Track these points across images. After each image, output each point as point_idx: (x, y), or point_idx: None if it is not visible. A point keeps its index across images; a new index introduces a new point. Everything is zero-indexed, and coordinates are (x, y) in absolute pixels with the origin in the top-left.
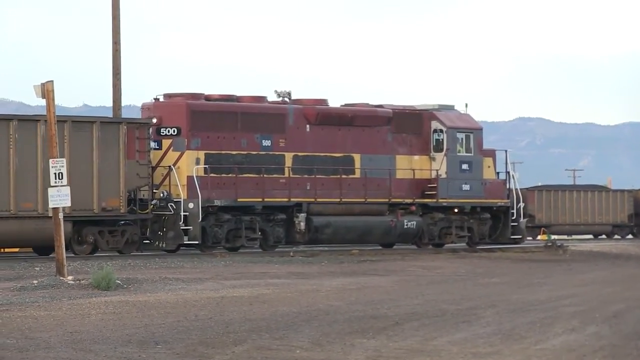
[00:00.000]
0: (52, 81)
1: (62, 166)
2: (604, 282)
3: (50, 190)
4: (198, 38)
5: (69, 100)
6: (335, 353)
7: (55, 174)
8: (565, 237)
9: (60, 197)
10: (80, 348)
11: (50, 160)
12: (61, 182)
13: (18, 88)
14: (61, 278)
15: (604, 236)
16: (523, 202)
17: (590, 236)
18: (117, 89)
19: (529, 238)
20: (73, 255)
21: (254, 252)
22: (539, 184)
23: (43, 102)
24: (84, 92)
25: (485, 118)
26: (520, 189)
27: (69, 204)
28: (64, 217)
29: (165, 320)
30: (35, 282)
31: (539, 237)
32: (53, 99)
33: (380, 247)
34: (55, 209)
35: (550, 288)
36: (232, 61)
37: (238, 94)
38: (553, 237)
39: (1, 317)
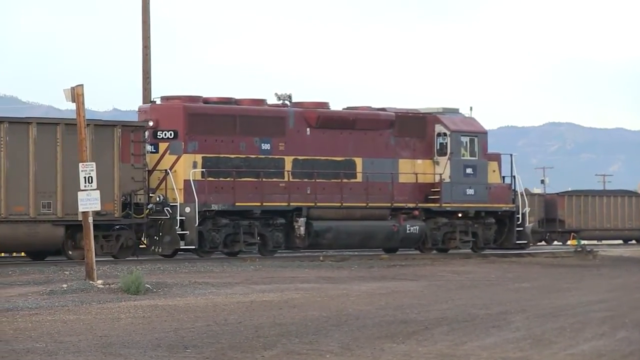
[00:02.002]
0: (82, 85)
1: (92, 170)
2: (634, 288)
3: (80, 194)
4: (228, 42)
5: (98, 104)
6: (364, 358)
7: (85, 177)
8: (595, 242)
9: (89, 201)
10: (109, 352)
11: (80, 164)
12: (91, 185)
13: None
14: (91, 282)
15: (633, 241)
16: (552, 207)
17: (620, 241)
18: (147, 93)
19: (558, 243)
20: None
21: (284, 256)
22: (569, 189)
23: (73, 106)
24: (114, 96)
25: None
26: (551, 194)
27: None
28: (55, 221)
29: (195, 325)
30: (64, 286)
31: (568, 242)
32: (83, 103)
33: (406, 253)
34: (85, 213)
35: (580, 293)
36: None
37: (265, 98)
38: (583, 242)
39: (31, 320)
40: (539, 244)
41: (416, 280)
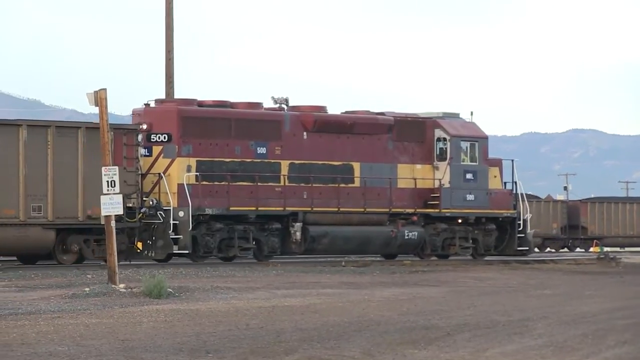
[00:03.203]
0: (105, 89)
1: (115, 174)
2: None
3: (103, 198)
4: (251, 46)
5: (121, 108)
6: None
7: (107, 181)
8: (617, 249)
9: (112, 204)
10: (131, 356)
11: (103, 168)
12: (113, 189)
13: (71, 96)
14: (113, 286)
15: None
16: (575, 214)
17: None
18: (170, 97)
19: (581, 250)
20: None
21: (306, 261)
22: (592, 196)
23: (96, 110)
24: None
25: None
26: (573, 201)
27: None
28: (45, 224)
29: (217, 329)
30: (87, 289)
31: (591, 249)
32: (106, 107)
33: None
34: (107, 217)
35: (602, 300)
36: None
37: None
38: (605, 249)
39: (53, 324)
40: (561, 250)
41: (438, 286)
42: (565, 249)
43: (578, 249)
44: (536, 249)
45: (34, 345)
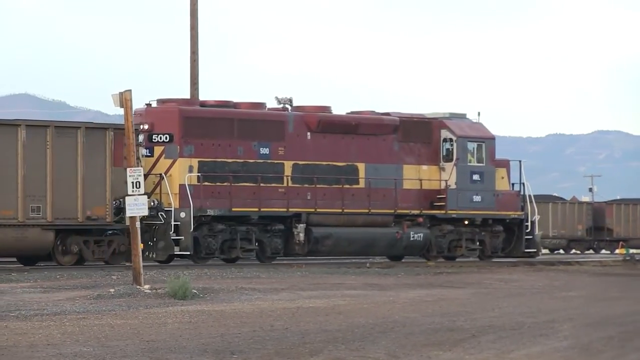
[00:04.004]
0: (130, 90)
1: (140, 175)
2: None
3: (128, 199)
4: (275, 47)
5: None
6: None
7: (132, 182)
8: None
9: (137, 206)
10: (156, 357)
11: (128, 169)
12: (138, 191)
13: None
14: (138, 287)
15: None
16: (600, 215)
17: None
18: (194, 99)
19: (606, 252)
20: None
21: (330, 263)
22: (618, 198)
23: (121, 111)
24: None
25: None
26: (599, 202)
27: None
28: (44, 225)
29: (241, 330)
30: (112, 290)
31: (617, 251)
32: (131, 108)
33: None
34: (132, 218)
35: (628, 302)
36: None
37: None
38: (631, 251)
39: (78, 325)
40: (586, 252)
41: (463, 287)
42: (591, 251)
43: (603, 251)
44: (561, 251)
45: (59, 345)
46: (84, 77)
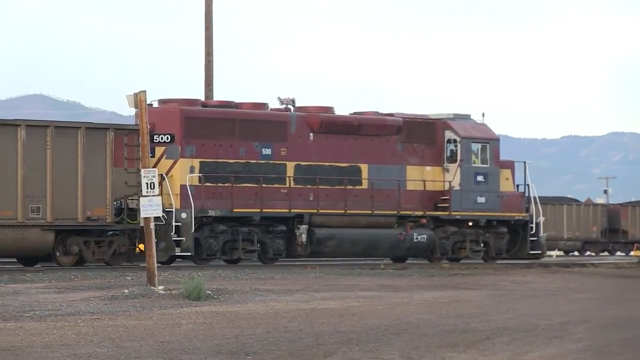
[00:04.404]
0: (144, 91)
1: (154, 176)
2: None
3: (142, 200)
4: (289, 49)
5: None
6: None
7: (147, 183)
8: None
9: (151, 206)
10: (170, 358)
11: (142, 170)
12: (152, 192)
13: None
14: (152, 288)
15: None
16: (615, 217)
17: None
18: (209, 100)
19: (621, 254)
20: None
21: (344, 264)
22: (633, 200)
23: (134, 111)
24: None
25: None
26: (614, 204)
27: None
28: (44, 226)
29: (255, 331)
30: (126, 291)
31: (632, 253)
32: (145, 109)
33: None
34: (146, 219)
35: None
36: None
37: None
38: None
39: (92, 325)
40: (601, 254)
41: (477, 289)
42: (606, 253)
43: (618, 253)
44: (576, 253)
45: (73, 346)
46: (99, 78)
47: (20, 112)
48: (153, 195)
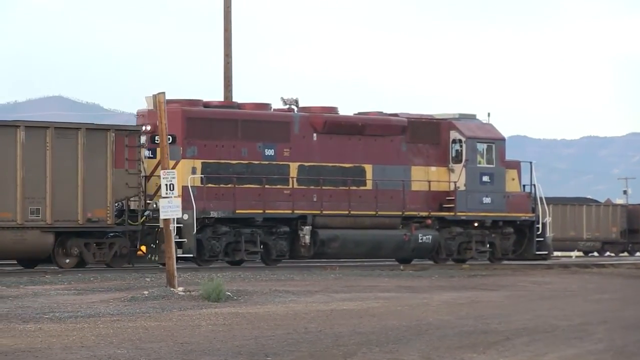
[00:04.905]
0: (163, 93)
1: (174, 177)
2: None
3: (162, 202)
4: (308, 50)
5: None
6: None
7: (166, 185)
8: None
9: (171, 208)
10: (190, 359)
11: (162, 171)
12: (172, 193)
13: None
14: (171, 289)
15: None
16: (635, 217)
17: None
18: (227, 98)
19: None
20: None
21: (364, 265)
22: None
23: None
24: None
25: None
26: (633, 205)
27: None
28: (44, 227)
29: (275, 332)
30: (145, 292)
31: None
32: (164, 111)
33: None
34: (166, 221)
35: None
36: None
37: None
38: None
39: (112, 327)
40: (621, 254)
41: (497, 290)
42: (625, 253)
43: (638, 253)
44: (595, 253)
45: (93, 348)
46: (118, 79)
47: (39, 113)
48: (173, 197)
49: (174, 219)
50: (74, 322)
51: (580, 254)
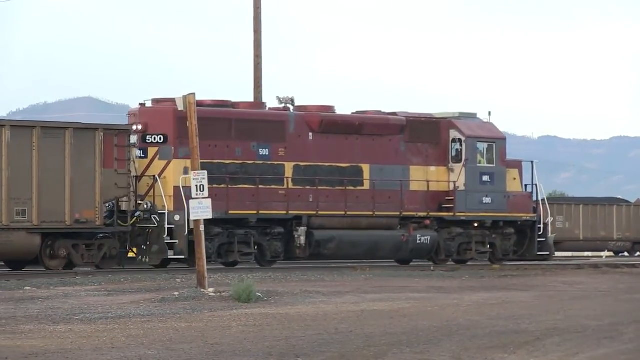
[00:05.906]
0: (193, 93)
1: (204, 178)
2: None
3: (192, 202)
4: (337, 51)
5: None
6: None
7: (196, 186)
8: None
9: (201, 209)
10: None
11: (192, 172)
12: (202, 194)
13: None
14: (202, 290)
15: None
16: None
17: None
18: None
19: None
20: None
21: (394, 266)
22: None
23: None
24: None
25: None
26: None
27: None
28: (30, 229)
29: (306, 333)
30: (176, 293)
31: None
32: (195, 111)
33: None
34: (196, 221)
35: None
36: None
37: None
38: None
39: (143, 328)
40: None
41: (527, 290)
42: None
43: None
44: (626, 253)
45: (123, 349)
46: (148, 80)
47: (69, 114)
48: (203, 198)
49: (174, 219)
50: (105, 323)
51: (611, 254)
